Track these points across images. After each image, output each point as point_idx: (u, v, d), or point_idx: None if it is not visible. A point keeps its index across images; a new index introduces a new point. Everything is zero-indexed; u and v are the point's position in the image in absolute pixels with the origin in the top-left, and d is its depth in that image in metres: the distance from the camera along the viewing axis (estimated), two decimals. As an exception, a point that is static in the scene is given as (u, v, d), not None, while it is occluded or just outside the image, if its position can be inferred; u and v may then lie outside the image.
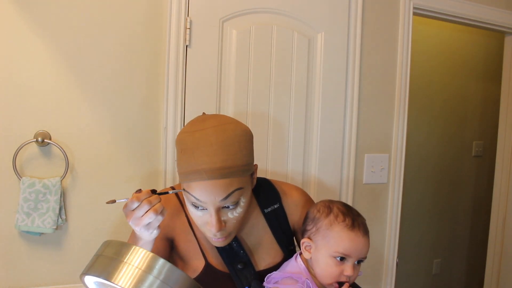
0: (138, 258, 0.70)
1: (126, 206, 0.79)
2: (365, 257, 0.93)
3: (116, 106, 1.37)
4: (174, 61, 1.40)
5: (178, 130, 1.42)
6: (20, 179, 1.26)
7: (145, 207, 0.77)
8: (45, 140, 1.28)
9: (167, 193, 0.89)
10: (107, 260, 0.73)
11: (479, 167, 3.12)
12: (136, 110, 1.40)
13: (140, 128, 1.41)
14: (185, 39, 1.41)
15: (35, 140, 1.27)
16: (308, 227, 0.96)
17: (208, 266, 0.95)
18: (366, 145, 1.73)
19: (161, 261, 0.70)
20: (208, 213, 0.86)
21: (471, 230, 3.14)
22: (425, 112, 2.87)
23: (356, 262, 0.91)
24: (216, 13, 1.45)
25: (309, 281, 0.90)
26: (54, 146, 1.30)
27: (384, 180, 1.77)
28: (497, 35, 2.23)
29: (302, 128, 1.59)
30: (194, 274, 0.95)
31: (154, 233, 0.82)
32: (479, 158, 3.12)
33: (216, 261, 0.96)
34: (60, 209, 1.29)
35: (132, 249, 0.72)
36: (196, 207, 0.87)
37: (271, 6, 1.52)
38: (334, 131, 1.65)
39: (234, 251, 0.96)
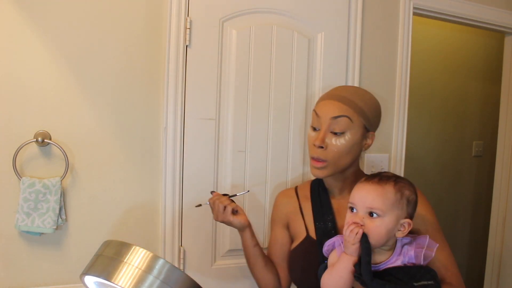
0: (138, 258, 0.70)
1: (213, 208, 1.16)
2: (373, 208, 0.89)
3: (116, 106, 1.37)
4: (174, 61, 1.40)
5: (178, 130, 1.42)
6: (20, 179, 1.26)
7: (216, 196, 1.15)
8: (45, 140, 1.28)
9: (235, 195, 1.21)
10: (107, 260, 0.73)
11: (479, 167, 3.12)
12: (136, 110, 1.40)
13: (140, 128, 1.41)
14: (185, 39, 1.41)
15: (35, 140, 1.27)
16: None
17: (307, 237, 1.11)
18: (366, 145, 1.73)
19: (161, 261, 0.70)
20: (319, 132, 1.04)
21: (471, 230, 3.14)
22: (425, 112, 2.87)
23: (368, 213, 0.89)
24: (216, 13, 1.45)
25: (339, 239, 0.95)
26: (54, 146, 1.30)
27: (384, 180, 1.77)
28: (497, 35, 2.23)
29: (302, 128, 1.59)
30: (295, 244, 1.14)
31: (237, 221, 1.12)
32: (479, 158, 3.12)
33: (315, 235, 1.11)
34: (60, 209, 1.29)
35: (132, 249, 0.72)
36: (314, 129, 1.07)
37: (271, 6, 1.52)
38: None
39: (328, 230, 1.09)
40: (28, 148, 1.28)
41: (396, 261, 0.91)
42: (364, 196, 0.91)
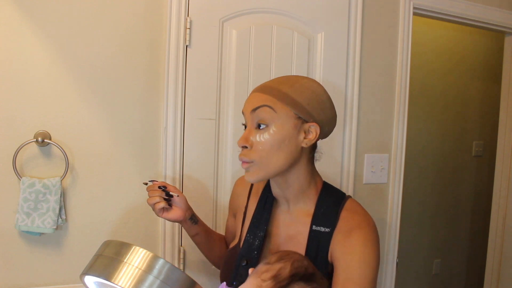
0: (138, 258, 0.71)
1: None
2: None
3: (116, 106, 1.37)
4: (174, 61, 1.40)
5: (178, 130, 1.42)
6: (20, 179, 1.26)
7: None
8: (45, 140, 1.28)
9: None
10: (107, 260, 0.73)
11: (479, 167, 3.12)
12: (136, 110, 1.40)
13: (140, 128, 1.41)
14: (185, 39, 1.41)
15: (35, 140, 1.27)
16: None
17: (237, 246, 1.05)
18: (366, 145, 1.73)
19: (161, 261, 0.70)
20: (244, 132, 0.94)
21: (471, 230, 3.14)
22: (425, 112, 2.87)
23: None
24: (216, 13, 1.45)
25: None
26: (54, 146, 1.30)
27: (384, 180, 1.77)
28: (497, 35, 2.23)
29: (302, 128, 1.59)
30: (230, 245, 1.11)
31: (170, 218, 1.06)
32: (479, 158, 3.12)
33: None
34: (60, 209, 1.29)
35: (132, 249, 0.72)
36: (245, 126, 0.95)
37: (271, 6, 1.52)
38: (334, 130, 1.64)
39: (253, 247, 0.98)
40: (28, 148, 1.28)
41: None
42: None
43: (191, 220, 1.10)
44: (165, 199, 1.04)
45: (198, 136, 1.45)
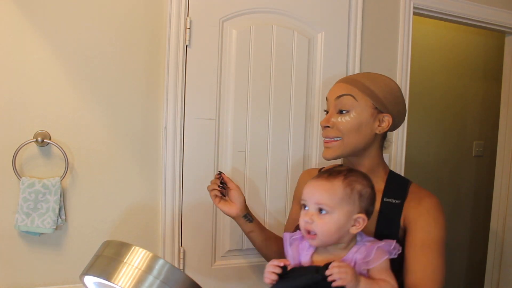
0: (138, 258, 0.70)
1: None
2: (321, 203, 0.87)
3: (116, 106, 1.37)
4: (174, 61, 1.40)
5: (178, 130, 1.42)
6: (19, 179, 1.26)
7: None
8: (45, 140, 1.28)
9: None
10: (107, 260, 0.73)
11: (479, 167, 3.12)
12: (136, 110, 1.40)
13: (140, 128, 1.41)
14: (185, 39, 1.41)
15: (35, 140, 1.27)
16: None
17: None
18: (366, 145, 1.73)
19: (161, 261, 0.70)
20: (327, 115, 1.06)
21: (471, 230, 3.13)
22: (425, 112, 2.86)
23: (318, 210, 0.87)
24: (216, 13, 1.45)
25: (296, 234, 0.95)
26: (54, 146, 1.30)
27: (384, 180, 1.77)
28: (497, 35, 2.24)
29: (302, 128, 1.59)
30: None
31: (224, 210, 1.16)
32: (480, 158, 3.11)
33: None
34: (59, 209, 1.29)
35: (132, 249, 0.72)
36: (326, 112, 1.08)
37: (271, 6, 1.52)
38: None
39: None
40: (28, 148, 1.28)
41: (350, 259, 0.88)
42: (312, 192, 0.89)
43: (245, 217, 1.18)
44: (219, 187, 1.17)
45: (198, 136, 1.45)
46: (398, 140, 1.78)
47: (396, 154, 1.78)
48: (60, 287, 1.33)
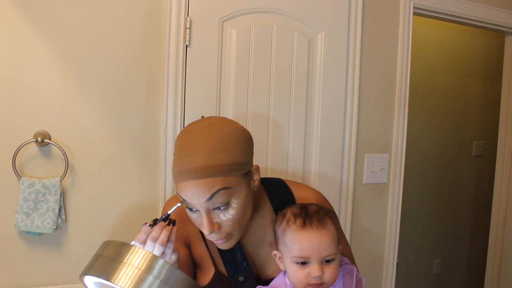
0: (138, 258, 0.70)
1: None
2: (330, 254, 0.84)
3: (116, 106, 1.37)
4: (174, 61, 1.40)
5: (178, 130, 1.42)
6: (19, 179, 1.26)
7: (150, 244, 0.83)
8: (45, 140, 1.28)
9: (165, 216, 0.87)
10: (107, 260, 0.72)
11: (479, 167, 3.12)
12: (136, 110, 1.40)
13: (140, 128, 1.41)
14: (185, 39, 1.41)
15: (35, 140, 1.27)
16: (275, 237, 0.91)
17: (217, 273, 0.95)
18: (366, 145, 1.73)
19: (161, 261, 0.70)
20: (201, 215, 0.84)
21: (471, 230, 3.13)
22: (425, 112, 2.86)
23: (324, 261, 0.84)
24: (216, 13, 1.45)
25: None
26: (54, 146, 1.30)
27: (384, 180, 1.77)
28: (497, 35, 2.23)
29: (302, 128, 1.59)
30: (206, 280, 0.96)
31: (173, 258, 0.84)
32: (479, 158, 3.11)
33: (224, 269, 0.96)
34: (59, 209, 1.29)
35: (132, 249, 0.72)
36: (190, 209, 0.85)
37: (271, 6, 1.52)
38: (334, 131, 1.65)
39: (237, 262, 0.94)
40: (27, 148, 1.28)
41: (336, 286, 0.87)
42: (318, 248, 0.83)
43: None
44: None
45: (198, 136, 1.45)
46: (398, 140, 1.78)
47: (396, 154, 1.78)
48: (60, 287, 1.33)
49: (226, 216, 0.84)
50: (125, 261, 0.70)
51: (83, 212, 1.35)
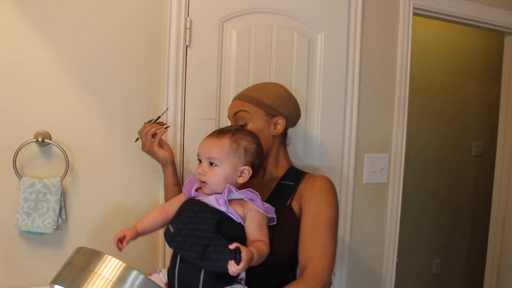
0: (109, 268, 0.68)
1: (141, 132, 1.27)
2: (211, 157, 1.00)
3: (116, 106, 1.37)
4: (174, 61, 1.40)
5: (178, 130, 1.42)
6: (20, 179, 1.26)
7: (146, 126, 1.25)
8: (45, 140, 1.28)
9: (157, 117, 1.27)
10: (76, 269, 0.70)
11: (479, 167, 3.12)
12: (136, 110, 1.40)
13: (140, 128, 1.40)
14: (185, 39, 1.41)
15: (35, 140, 1.27)
16: None
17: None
18: (366, 145, 1.73)
19: (134, 272, 0.68)
20: None
21: (471, 230, 3.14)
22: (425, 112, 2.87)
23: (209, 163, 1.01)
24: (216, 13, 1.45)
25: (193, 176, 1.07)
26: (54, 146, 1.30)
27: (384, 180, 1.77)
28: (497, 35, 2.23)
29: (302, 128, 1.59)
30: None
31: (161, 154, 1.25)
32: (479, 158, 3.11)
33: None
34: (60, 209, 1.29)
35: (104, 258, 0.69)
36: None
37: (271, 6, 1.52)
38: (334, 131, 1.65)
39: None
40: (28, 148, 1.29)
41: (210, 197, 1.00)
42: (204, 148, 1.03)
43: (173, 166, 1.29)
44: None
45: (198, 136, 1.44)
46: (398, 140, 1.78)
47: (396, 154, 1.78)
48: (61, 287, 1.33)
49: None
50: (95, 271, 0.68)
51: (84, 212, 1.36)
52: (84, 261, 0.70)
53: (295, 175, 1.19)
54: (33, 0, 1.27)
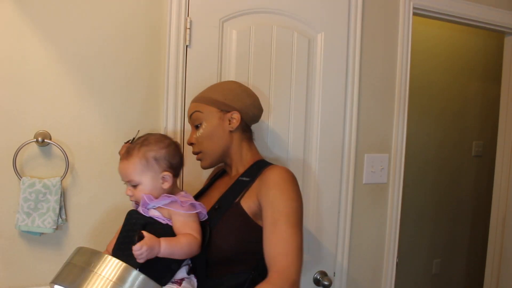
0: (109, 268, 0.67)
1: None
2: (130, 180, 1.04)
3: (116, 106, 1.37)
4: (174, 61, 1.40)
5: (178, 130, 1.42)
6: (20, 179, 1.26)
7: (125, 146, 1.11)
8: (45, 140, 1.28)
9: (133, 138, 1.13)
10: (76, 269, 0.70)
11: (479, 167, 3.12)
12: (136, 110, 1.40)
13: (140, 128, 1.40)
14: (185, 39, 1.41)
15: (35, 140, 1.27)
16: None
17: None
18: (366, 145, 1.73)
19: (134, 272, 0.68)
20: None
21: (471, 230, 3.14)
22: (425, 112, 2.87)
23: (130, 185, 1.04)
24: (216, 13, 1.45)
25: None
26: (54, 146, 1.30)
27: (384, 180, 1.77)
28: (497, 35, 2.23)
29: (302, 128, 1.59)
30: None
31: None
32: (479, 158, 3.12)
33: None
34: (60, 209, 1.29)
35: (104, 258, 0.69)
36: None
37: (271, 6, 1.52)
38: (334, 131, 1.65)
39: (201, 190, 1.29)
40: (28, 148, 1.29)
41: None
42: (121, 173, 1.06)
43: None
44: None
45: (198, 136, 1.45)
46: (398, 140, 1.78)
47: (396, 154, 1.78)
48: (61, 287, 1.33)
49: (197, 134, 1.17)
50: (95, 271, 0.68)
51: (84, 212, 1.36)
52: (84, 261, 0.70)
53: (256, 170, 1.14)
54: (33, 0, 1.27)
